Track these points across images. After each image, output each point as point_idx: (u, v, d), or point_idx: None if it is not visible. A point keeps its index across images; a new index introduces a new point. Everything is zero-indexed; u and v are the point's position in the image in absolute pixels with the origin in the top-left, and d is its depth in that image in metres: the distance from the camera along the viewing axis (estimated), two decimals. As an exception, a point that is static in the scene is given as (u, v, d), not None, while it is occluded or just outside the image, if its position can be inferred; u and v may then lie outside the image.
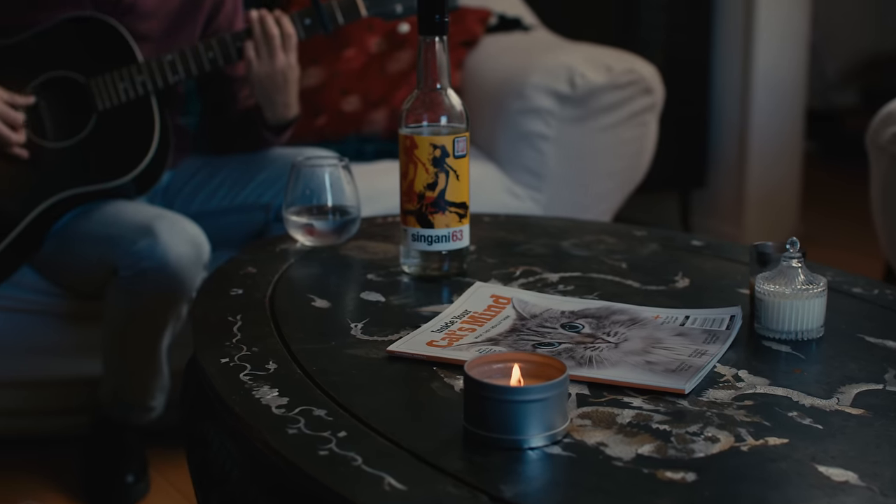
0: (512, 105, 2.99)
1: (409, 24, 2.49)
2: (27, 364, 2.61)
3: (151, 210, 2.42)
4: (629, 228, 2.04)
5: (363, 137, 3.10)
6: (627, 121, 3.05)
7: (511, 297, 1.61)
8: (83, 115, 2.43)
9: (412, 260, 1.73)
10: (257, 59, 2.41)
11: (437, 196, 1.68)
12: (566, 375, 1.17)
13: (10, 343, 2.58)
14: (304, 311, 1.59)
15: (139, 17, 2.50)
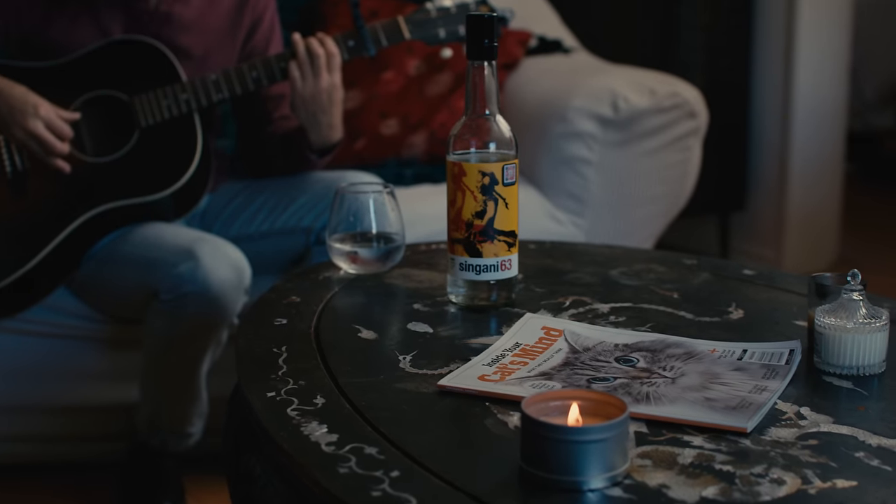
0: (554, 129, 2.95)
1: (451, 49, 2.46)
2: (65, 389, 2.59)
3: (192, 233, 2.39)
4: (678, 257, 2.00)
5: (402, 161, 3.07)
6: (671, 145, 3.01)
7: (563, 329, 1.57)
8: (125, 132, 2.41)
9: (459, 289, 1.69)
10: (301, 78, 2.39)
11: (486, 224, 1.65)
12: (627, 414, 1.13)
13: (48, 368, 2.56)
14: (350, 343, 1.55)
15: (177, 30, 2.49)
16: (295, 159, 2.54)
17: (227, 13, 2.56)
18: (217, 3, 2.55)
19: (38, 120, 2.33)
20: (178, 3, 2.50)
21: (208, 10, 2.54)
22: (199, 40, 2.53)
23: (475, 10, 2.45)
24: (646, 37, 4.20)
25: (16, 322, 2.50)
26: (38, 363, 2.56)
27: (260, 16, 2.61)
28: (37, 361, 2.56)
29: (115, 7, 2.47)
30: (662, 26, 4.13)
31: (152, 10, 2.48)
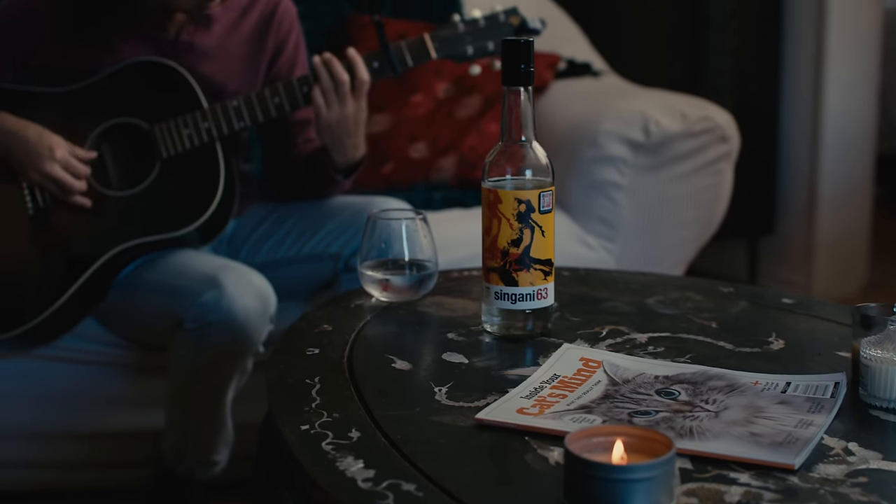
0: (584, 153, 2.92)
1: (479, 66, 2.43)
2: (91, 415, 2.56)
3: (217, 261, 2.37)
4: (714, 284, 1.96)
5: (431, 185, 3.04)
6: (702, 169, 2.98)
7: (601, 360, 1.53)
8: (147, 163, 2.39)
9: (494, 318, 1.66)
10: (326, 105, 2.36)
11: (522, 253, 1.62)
12: (674, 452, 1.10)
13: (74, 395, 2.54)
14: (384, 374, 1.52)
15: (199, 58, 2.46)
16: (320, 180, 2.51)
17: (250, 38, 2.53)
18: (239, 29, 2.52)
19: (54, 163, 2.31)
20: (199, 32, 2.47)
21: (230, 37, 2.51)
22: (221, 67, 2.50)
23: (504, 21, 2.41)
24: (674, 61, 4.18)
25: (44, 349, 2.48)
26: (63, 390, 2.54)
27: (283, 40, 2.57)
28: (63, 388, 2.54)
29: (134, 37, 2.44)
30: (691, 50, 4.10)
31: (173, 39, 2.45)
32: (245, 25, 2.51)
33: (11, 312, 2.37)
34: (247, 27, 2.51)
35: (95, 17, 2.42)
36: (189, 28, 2.45)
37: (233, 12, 2.50)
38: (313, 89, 2.36)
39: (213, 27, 2.47)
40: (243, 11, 2.52)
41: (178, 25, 2.45)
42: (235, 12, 2.51)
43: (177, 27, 2.45)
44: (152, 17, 2.42)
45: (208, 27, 2.47)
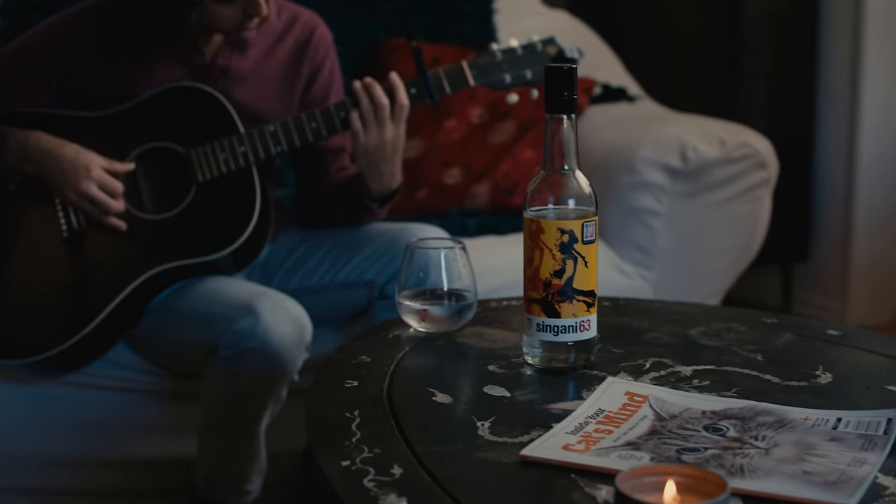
0: (621, 179, 2.90)
1: (516, 94, 2.40)
2: (123, 443, 2.54)
3: (252, 288, 2.35)
4: (758, 315, 1.93)
5: (465, 211, 3.02)
6: (741, 196, 2.95)
7: (647, 394, 1.50)
8: (182, 187, 2.37)
9: (536, 350, 1.63)
10: (364, 130, 2.34)
11: (565, 284, 1.59)
12: (728, 493, 1.07)
13: (107, 421, 2.53)
14: (425, 407, 1.49)
15: (234, 83, 2.45)
16: (355, 209, 2.49)
17: (285, 63, 2.52)
18: (274, 54, 2.51)
19: (90, 181, 2.31)
20: (234, 56, 2.46)
21: (266, 62, 2.50)
22: (256, 92, 2.48)
23: (542, 50, 2.39)
24: (708, 84, 4.15)
25: (73, 375, 2.46)
26: (95, 416, 2.53)
27: (319, 65, 2.56)
28: (94, 415, 2.53)
29: (170, 61, 2.44)
30: (725, 74, 4.07)
31: (208, 63, 2.45)
32: (281, 50, 2.50)
33: (42, 336, 2.35)
34: (282, 52, 2.50)
35: (132, 39, 2.41)
36: (225, 52, 2.44)
37: (269, 37, 2.49)
38: (351, 113, 2.34)
39: (248, 51, 2.46)
40: (279, 37, 2.51)
41: (214, 49, 2.44)
42: (271, 37, 2.50)
43: (213, 51, 2.44)
44: (189, 40, 2.41)
45: (244, 51, 2.46)
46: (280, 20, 2.53)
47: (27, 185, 2.39)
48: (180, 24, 2.34)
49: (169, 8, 2.31)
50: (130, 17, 2.40)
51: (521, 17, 3.38)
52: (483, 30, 3.25)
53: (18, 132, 2.34)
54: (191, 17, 2.31)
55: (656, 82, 3.86)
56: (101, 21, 2.44)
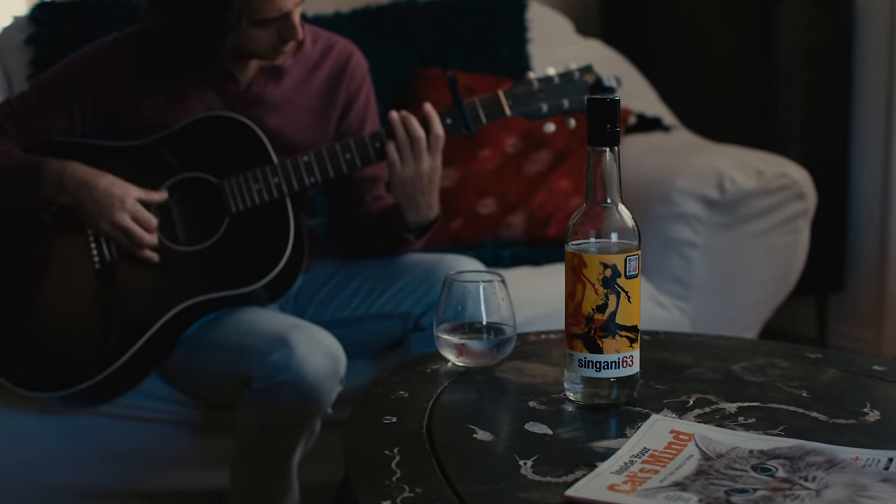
0: (658, 210, 2.87)
1: (553, 123, 2.38)
2: (154, 475, 2.53)
3: (287, 320, 2.32)
4: (801, 350, 1.90)
5: (500, 242, 3.00)
6: (779, 227, 2.93)
7: (692, 432, 1.47)
8: (215, 218, 2.36)
9: (578, 386, 1.60)
10: (401, 161, 2.32)
11: (607, 319, 1.56)
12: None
13: (138, 453, 2.51)
14: (465, 445, 1.46)
15: (268, 111, 2.44)
16: (391, 240, 2.47)
17: (320, 92, 2.51)
18: (309, 83, 2.50)
19: (124, 212, 2.29)
20: (269, 84, 2.45)
21: (301, 90, 2.49)
22: (290, 121, 2.47)
23: (579, 79, 2.37)
24: (743, 114, 4.12)
25: (108, 406, 2.45)
26: (127, 448, 2.51)
27: (354, 94, 2.55)
28: (126, 446, 2.51)
29: (204, 89, 2.43)
30: (759, 104, 4.04)
31: (243, 91, 2.44)
32: (316, 79, 2.49)
33: (74, 368, 2.34)
34: (318, 81, 2.49)
35: (167, 68, 2.40)
36: (260, 80, 2.43)
37: (304, 66, 2.48)
38: (388, 145, 2.32)
39: (283, 80, 2.45)
40: (315, 65, 2.50)
41: (249, 77, 2.43)
42: (307, 66, 2.49)
43: (248, 79, 2.43)
44: (223, 69, 2.40)
45: (279, 80, 2.45)
46: (315, 49, 2.51)
47: (60, 215, 2.38)
48: (215, 48, 2.32)
49: (205, 31, 2.29)
50: (164, 45, 2.38)
51: (555, 46, 3.36)
52: (517, 59, 3.24)
53: (54, 162, 2.33)
54: (227, 39, 2.30)
55: (690, 111, 3.83)
56: (135, 51, 2.43)
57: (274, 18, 2.30)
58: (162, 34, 2.36)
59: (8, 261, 2.41)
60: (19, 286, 2.40)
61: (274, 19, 2.30)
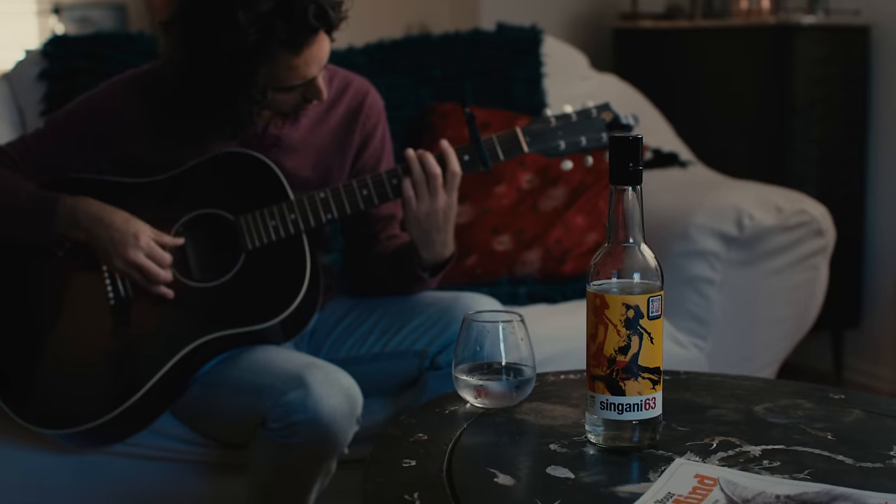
0: (675, 247, 2.85)
1: (571, 161, 2.36)
2: (167, 515, 2.50)
3: (302, 358, 2.30)
4: (824, 391, 1.87)
5: (516, 279, 2.97)
6: (798, 264, 2.91)
7: (717, 477, 1.44)
8: (231, 254, 2.34)
9: (599, 429, 1.57)
10: (417, 198, 2.31)
11: (630, 361, 1.53)
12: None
13: (151, 492, 2.49)
14: (487, 490, 1.44)
15: (285, 152, 2.43)
16: (406, 279, 2.45)
17: (336, 131, 2.50)
18: (325, 122, 2.49)
19: (138, 250, 2.28)
20: (286, 126, 2.45)
21: (317, 130, 2.48)
22: (306, 161, 2.47)
23: (597, 116, 2.36)
24: (758, 149, 4.11)
25: (120, 445, 2.42)
26: (139, 487, 2.49)
27: (371, 132, 2.54)
28: (139, 485, 2.48)
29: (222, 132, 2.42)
30: (775, 138, 4.03)
31: (260, 133, 2.43)
32: (332, 118, 2.48)
33: (85, 406, 2.32)
34: (334, 120, 2.48)
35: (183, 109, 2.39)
36: (277, 122, 2.43)
37: (320, 105, 2.47)
38: (404, 182, 2.31)
39: (300, 121, 2.45)
40: (331, 104, 2.49)
41: (266, 119, 2.42)
42: (323, 106, 2.48)
43: (265, 121, 2.42)
44: None
45: (296, 121, 2.44)
46: (332, 88, 2.51)
47: (74, 251, 2.37)
48: (240, 118, 2.32)
49: (231, 103, 2.29)
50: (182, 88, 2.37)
51: (570, 81, 3.35)
52: (532, 94, 3.23)
53: (68, 198, 2.32)
54: (252, 112, 2.30)
55: (705, 146, 3.81)
56: (151, 88, 2.42)
57: (298, 85, 2.30)
58: (189, 105, 2.36)
59: (21, 296, 2.40)
60: (32, 322, 2.39)
61: (298, 85, 2.30)
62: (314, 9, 2.24)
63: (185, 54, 2.30)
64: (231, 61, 2.23)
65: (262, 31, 2.21)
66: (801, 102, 4.00)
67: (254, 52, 2.22)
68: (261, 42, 2.21)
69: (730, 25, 4.27)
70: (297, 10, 2.21)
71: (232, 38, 2.21)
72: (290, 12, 2.21)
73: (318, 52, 2.29)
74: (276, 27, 2.21)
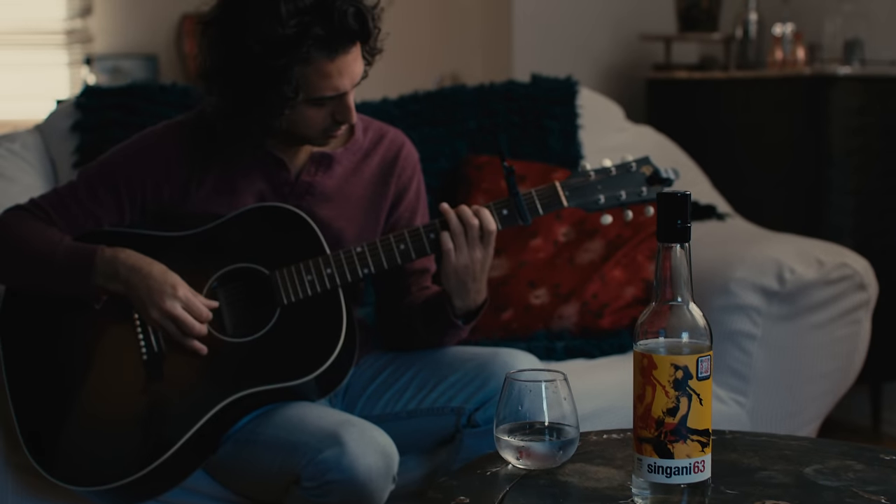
0: (715, 301, 2.82)
1: (610, 215, 2.33)
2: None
3: (337, 415, 2.27)
4: (875, 451, 1.82)
5: (553, 333, 2.94)
6: (839, 318, 2.88)
7: (771, 544, 1.40)
8: (265, 309, 2.32)
9: (646, 492, 1.53)
10: (455, 250, 2.28)
11: (678, 423, 1.50)
12: None
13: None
14: (532, 556, 1.40)
15: (318, 200, 2.41)
16: (439, 327, 2.42)
17: (371, 183, 2.48)
18: (360, 172, 2.47)
19: (176, 301, 2.26)
20: (319, 173, 2.43)
21: (351, 180, 2.46)
22: (341, 211, 2.44)
23: (636, 170, 2.33)
24: (794, 200, 4.07)
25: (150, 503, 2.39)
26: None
27: (406, 185, 2.51)
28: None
29: (255, 178, 2.41)
30: (811, 190, 3.99)
31: (293, 180, 2.41)
32: (367, 168, 2.46)
33: (115, 463, 2.29)
34: (368, 171, 2.46)
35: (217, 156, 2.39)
36: (310, 169, 2.41)
37: (355, 154, 2.46)
38: (442, 235, 2.29)
39: (334, 168, 2.43)
40: (365, 154, 2.47)
41: (300, 166, 2.41)
42: (357, 154, 2.46)
43: (298, 167, 2.41)
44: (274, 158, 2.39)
45: (329, 168, 2.43)
46: (366, 137, 2.49)
47: (108, 304, 2.35)
48: (272, 119, 2.29)
49: (263, 100, 2.26)
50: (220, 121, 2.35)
51: (605, 133, 3.32)
52: (568, 146, 3.20)
53: (107, 249, 2.30)
54: (283, 114, 2.27)
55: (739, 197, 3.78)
56: (184, 140, 2.41)
57: (329, 98, 2.28)
58: (220, 105, 2.34)
59: (53, 350, 2.38)
60: (63, 376, 2.36)
61: (329, 99, 2.28)
62: (353, 11, 2.25)
63: (220, 51, 2.29)
64: (265, 50, 2.22)
65: (300, 24, 2.21)
66: (837, 153, 3.97)
67: (289, 45, 2.21)
68: (297, 36, 2.21)
69: (765, 76, 4.25)
70: (338, 9, 2.22)
71: (271, 27, 2.20)
72: (331, 10, 2.22)
73: (352, 65, 2.29)
74: (315, 23, 2.21)
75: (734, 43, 4.48)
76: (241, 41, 2.24)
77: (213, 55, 2.32)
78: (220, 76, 2.32)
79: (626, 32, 4.87)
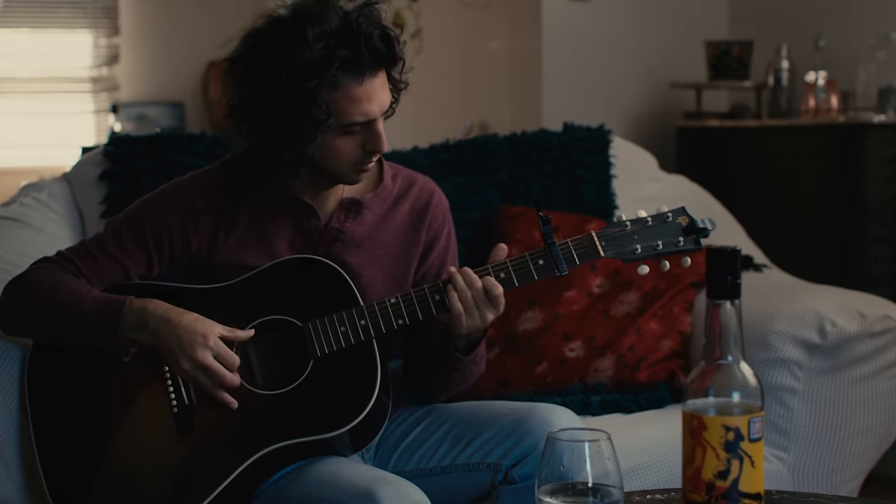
0: (754, 355, 2.78)
1: (647, 265, 2.30)
2: None
3: (371, 472, 2.22)
4: (928, 513, 1.78)
5: (588, 387, 2.89)
6: (882, 372, 2.84)
7: None
8: (298, 361, 2.28)
9: (697, 558, 1.48)
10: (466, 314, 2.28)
11: (730, 487, 1.45)
12: None
13: None
14: None
15: (347, 247, 2.39)
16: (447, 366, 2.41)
17: (402, 231, 2.45)
18: (391, 219, 2.44)
19: (207, 350, 2.23)
20: (349, 219, 2.40)
21: (381, 227, 2.43)
22: (371, 259, 2.41)
23: (672, 220, 2.30)
24: (828, 250, 4.03)
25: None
26: None
27: (436, 234, 2.49)
28: None
29: (284, 226, 2.38)
30: (845, 239, 3.95)
31: (323, 227, 2.38)
32: (397, 215, 2.44)
33: None
34: (399, 218, 2.44)
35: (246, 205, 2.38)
36: (339, 215, 2.39)
37: (384, 200, 2.43)
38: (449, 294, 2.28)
39: (364, 214, 2.41)
40: (395, 201, 2.45)
41: (329, 212, 2.39)
42: (387, 201, 2.44)
43: (327, 214, 2.39)
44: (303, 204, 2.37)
45: (359, 214, 2.40)
46: (395, 184, 2.47)
47: (138, 356, 2.31)
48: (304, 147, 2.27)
49: (294, 126, 2.24)
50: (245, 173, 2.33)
51: (639, 183, 3.29)
52: (602, 196, 3.17)
53: (135, 300, 2.28)
54: (315, 140, 2.26)
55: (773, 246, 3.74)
56: (212, 188, 2.39)
57: (359, 123, 2.26)
58: (250, 143, 2.32)
59: (81, 405, 2.34)
60: (91, 431, 2.33)
61: (359, 125, 2.26)
62: (379, 34, 2.25)
63: (248, 84, 2.29)
64: (293, 75, 2.21)
65: (326, 48, 2.21)
66: (872, 202, 3.93)
67: (317, 68, 2.21)
68: (324, 58, 2.21)
69: (798, 124, 4.22)
70: (363, 32, 2.23)
71: (299, 52, 2.20)
72: (356, 33, 2.22)
73: (380, 90, 2.28)
74: (341, 46, 2.21)
75: (766, 91, 4.46)
76: (269, 70, 2.24)
77: (241, 90, 2.31)
78: (249, 109, 2.30)
79: (657, 80, 4.85)
